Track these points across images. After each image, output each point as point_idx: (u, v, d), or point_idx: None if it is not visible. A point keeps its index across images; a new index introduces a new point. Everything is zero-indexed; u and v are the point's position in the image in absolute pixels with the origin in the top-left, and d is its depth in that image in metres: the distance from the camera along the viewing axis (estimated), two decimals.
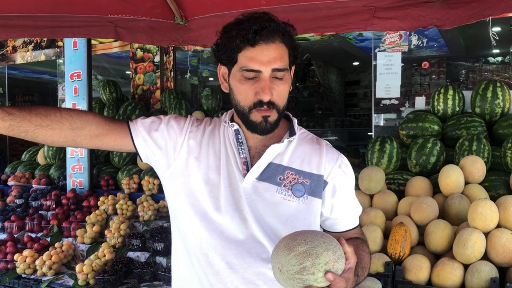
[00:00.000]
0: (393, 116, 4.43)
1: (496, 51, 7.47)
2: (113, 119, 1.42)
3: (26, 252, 3.32)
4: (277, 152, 1.36)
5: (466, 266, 2.40)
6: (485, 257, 2.42)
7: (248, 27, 1.25)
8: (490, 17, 2.08)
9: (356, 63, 10.25)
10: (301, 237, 1.04)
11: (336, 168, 1.39)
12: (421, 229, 2.71)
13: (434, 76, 7.69)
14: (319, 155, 1.38)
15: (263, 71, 1.26)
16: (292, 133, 1.39)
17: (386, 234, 2.74)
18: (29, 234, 3.78)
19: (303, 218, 1.32)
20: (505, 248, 2.36)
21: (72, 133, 1.31)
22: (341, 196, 1.40)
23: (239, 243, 1.30)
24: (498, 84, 3.33)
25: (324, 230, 1.47)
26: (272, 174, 1.34)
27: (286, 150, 1.37)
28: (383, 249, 2.66)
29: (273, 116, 1.30)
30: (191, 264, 1.36)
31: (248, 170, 1.34)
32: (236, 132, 1.38)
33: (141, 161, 1.44)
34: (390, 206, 2.95)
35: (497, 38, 3.36)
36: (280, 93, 1.29)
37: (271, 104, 1.28)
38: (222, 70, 1.39)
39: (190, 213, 1.34)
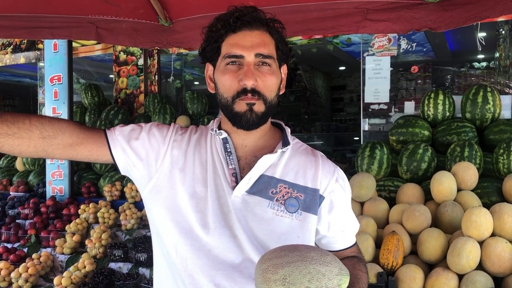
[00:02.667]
0: (381, 121, 4.39)
1: (481, 56, 7.53)
2: (89, 127, 1.29)
3: (1, 264, 3.17)
4: (269, 164, 1.25)
5: (460, 277, 2.33)
6: (480, 267, 2.35)
7: (230, 14, 1.21)
8: (483, 21, 2.03)
9: (342, 68, 10.25)
10: (284, 272, 0.90)
11: (333, 182, 1.28)
12: (414, 237, 2.64)
13: (420, 81, 7.73)
14: (315, 167, 1.28)
15: (246, 56, 1.19)
16: (285, 143, 1.28)
17: (378, 243, 2.66)
18: (5, 244, 3.62)
19: (297, 236, 1.21)
20: (500, 257, 2.29)
21: (43, 142, 1.18)
22: (338, 213, 1.29)
23: (228, 263, 1.18)
24: (489, 89, 3.30)
25: None
26: (264, 187, 1.23)
27: (279, 162, 1.26)
28: (375, 259, 2.58)
29: (259, 106, 1.20)
30: (175, 286, 1.24)
31: (237, 183, 1.23)
32: (224, 141, 1.27)
33: (120, 173, 1.31)
34: (381, 214, 2.88)
35: (484, 43, 3.33)
36: (266, 83, 1.20)
37: (256, 93, 1.19)
38: (208, 70, 1.31)
39: (173, 231, 1.22)
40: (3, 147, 1.15)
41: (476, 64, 7.61)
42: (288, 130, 1.33)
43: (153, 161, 1.27)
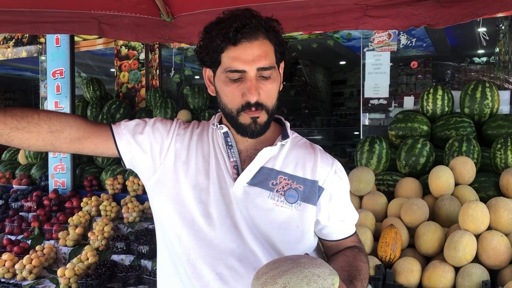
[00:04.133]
0: (381, 116, 4.41)
1: (481, 51, 7.54)
2: (95, 122, 1.34)
3: (5, 256, 3.21)
4: (269, 156, 1.29)
5: (457, 269, 2.37)
6: (476, 259, 2.39)
7: (229, 25, 1.19)
8: (481, 17, 2.06)
9: (342, 62, 10.26)
10: (283, 280, 0.94)
11: (332, 173, 1.33)
12: (411, 231, 2.68)
13: (420, 76, 7.74)
14: (314, 160, 1.32)
15: (248, 71, 1.20)
16: (285, 136, 1.33)
17: (376, 236, 2.70)
18: (9, 236, 3.66)
19: (296, 226, 1.26)
20: (496, 250, 2.33)
21: (51, 136, 1.22)
22: (337, 203, 1.34)
23: (229, 253, 1.22)
24: (487, 85, 3.32)
25: (320, 240, 1.41)
26: (264, 178, 1.27)
27: (279, 154, 1.31)
28: (373, 252, 2.62)
29: (262, 117, 1.24)
30: (178, 276, 1.28)
31: (238, 174, 1.27)
32: (225, 135, 1.31)
33: (125, 167, 1.36)
34: (380, 208, 2.92)
35: (487, 38, 3.35)
36: (268, 92, 1.23)
37: (259, 105, 1.22)
38: (207, 73, 1.32)
39: (176, 221, 1.26)
40: (13, 141, 1.19)
41: (476, 59, 7.62)
42: (287, 124, 1.37)
43: (157, 154, 1.32)
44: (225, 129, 1.31)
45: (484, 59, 7.56)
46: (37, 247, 3.37)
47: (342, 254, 1.36)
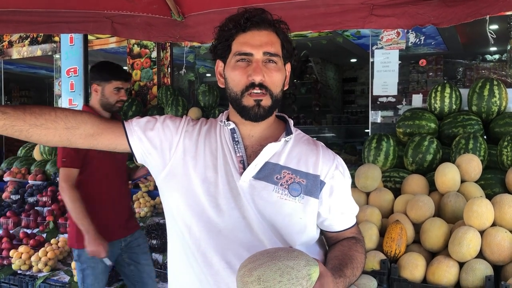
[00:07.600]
0: (390, 113, 4.44)
1: (493, 48, 7.48)
2: (108, 119, 1.42)
3: (21, 248, 3.31)
4: (274, 151, 1.35)
5: (461, 264, 2.41)
6: (480, 255, 2.42)
7: (241, 15, 1.32)
8: (488, 16, 2.08)
9: (353, 60, 10.24)
10: (257, 273, 1.03)
11: (333, 168, 1.38)
12: (417, 227, 2.71)
13: (431, 74, 7.69)
14: (316, 155, 1.38)
15: (255, 54, 1.29)
16: (288, 132, 1.39)
17: (382, 232, 2.74)
18: (25, 230, 3.77)
19: (299, 218, 1.32)
20: (500, 246, 2.36)
21: (67, 132, 1.30)
22: (338, 196, 1.40)
23: (238, 242, 1.29)
24: (495, 83, 3.34)
25: (322, 231, 1.47)
26: (269, 173, 1.33)
27: (283, 150, 1.37)
28: (379, 247, 2.67)
29: (266, 101, 1.31)
30: (189, 265, 1.35)
31: (244, 169, 1.33)
32: (232, 131, 1.38)
33: (136, 162, 1.43)
34: (386, 204, 2.96)
35: (494, 36, 3.35)
36: (273, 79, 1.31)
37: (263, 87, 1.29)
38: (219, 66, 1.41)
39: (187, 213, 1.33)
40: (32, 136, 1.26)
41: (488, 57, 7.57)
42: (291, 122, 1.44)
43: (167, 149, 1.38)
44: (232, 125, 1.38)
45: (496, 56, 7.50)
46: (52, 240, 3.47)
47: (339, 244, 1.42)
